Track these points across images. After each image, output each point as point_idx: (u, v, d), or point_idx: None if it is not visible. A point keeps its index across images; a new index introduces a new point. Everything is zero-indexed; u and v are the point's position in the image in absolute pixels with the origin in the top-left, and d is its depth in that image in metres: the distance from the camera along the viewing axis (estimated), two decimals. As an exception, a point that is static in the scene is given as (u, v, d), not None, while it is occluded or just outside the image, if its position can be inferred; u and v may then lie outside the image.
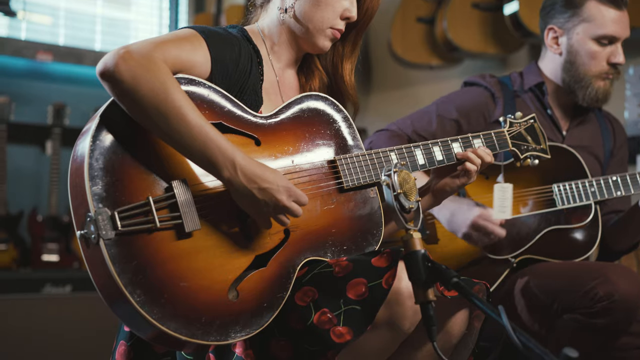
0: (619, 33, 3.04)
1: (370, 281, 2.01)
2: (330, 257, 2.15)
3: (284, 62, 2.38)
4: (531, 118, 2.63)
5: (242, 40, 2.26)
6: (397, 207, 1.89)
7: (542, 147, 2.62)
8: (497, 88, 3.15)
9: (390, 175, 1.91)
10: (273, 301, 2.02)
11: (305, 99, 2.26)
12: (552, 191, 2.93)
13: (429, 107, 3.19)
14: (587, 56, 3.05)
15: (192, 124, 1.93)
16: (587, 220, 2.92)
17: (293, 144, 2.18)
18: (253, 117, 2.14)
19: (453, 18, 4.93)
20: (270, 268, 2.04)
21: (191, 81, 2.06)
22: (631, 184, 2.91)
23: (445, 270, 1.84)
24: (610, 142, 3.20)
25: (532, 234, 2.92)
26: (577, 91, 3.07)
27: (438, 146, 2.39)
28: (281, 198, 1.99)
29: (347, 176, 2.21)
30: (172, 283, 1.90)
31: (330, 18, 2.30)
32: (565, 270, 2.81)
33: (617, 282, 2.65)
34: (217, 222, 2.00)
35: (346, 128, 2.29)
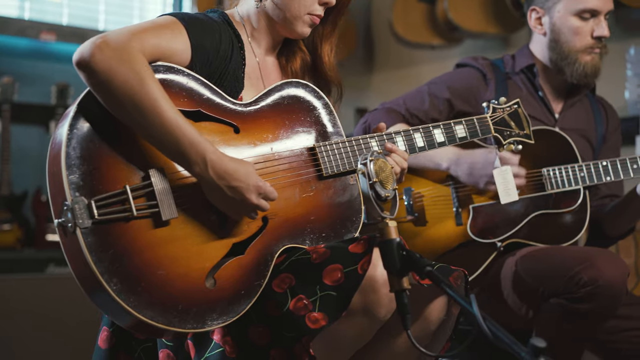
0: (599, 6, 3.02)
1: (346, 267, 2.02)
2: (309, 244, 2.16)
3: (264, 47, 2.38)
4: (515, 103, 2.63)
5: (222, 25, 2.26)
6: (373, 195, 1.90)
7: (526, 133, 2.63)
8: (488, 69, 3.15)
9: (366, 164, 1.91)
10: (250, 288, 2.04)
11: (286, 85, 2.26)
12: (541, 175, 2.92)
13: (421, 87, 3.20)
14: (570, 32, 3.04)
15: (166, 117, 1.94)
16: (576, 205, 2.92)
17: (272, 132, 2.18)
18: (232, 105, 2.15)
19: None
20: (248, 256, 2.05)
21: (170, 69, 2.07)
22: (621, 169, 2.90)
23: (419, 259, 1.85)
24: (603, 127, 3.20)
25: (520, 218, 2.92)
26: (565, 68, 3.07)
27: (419, 132, 2.40)
28: (250, 197, 2.01)
29: (326, 163, 2.22)
30: (149, 271, 1.92)
31: (308, 4, 2.30)
32: (552, 255, 2.82)
33: (602, 268, 2.65)
34: (195, 211, 2.01)
35: (326, 115, 2.30)
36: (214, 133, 2.06)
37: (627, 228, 3.08)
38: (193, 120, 2.04)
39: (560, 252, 2.82)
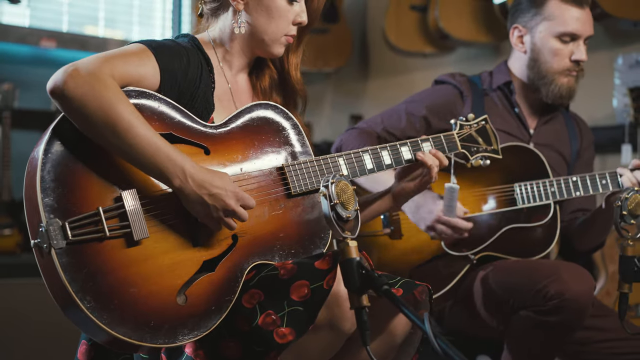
0: (579, 31, 3.09)
1: (312, 283, 2.10)
2: (278, 260, 2.23)
3: (236, 69, 2.45)
4: (482, 120, 2.69)
5: (191, 50, 2.33)
6: (334, 216, 1.97)
7: (494, 148, 2.69)
8: (465, 87, 3.22)
9: (328, 187, 1.98)
10: (221, 304, 2.12)
11: (255, 107, 2.33)
12: (513, 190, 3.00)
13: (398, 105, 3.27)
14: (550, 54, 3.11)
15: (141, 137, 2.03)
16: (546, 220, 2.99)
17: (242, 152, 2.26)
18: (202, 127, 2.22)
19: (445, 6, 4.99)
20: (219, 273, 2.13)
21: (141, 94, 2.15)
22: (590, 185, 2.97)
23: (377, 278, 1.93)
24: (577, 143, 3.27)
25: (493, 232, 2.99)
26: (541, 88, 3.14)
27: (387, 150, 2.47)
28: (230, 202, 2.09)
29: (294, 182, 2.29)
30: (122, 289, 2.00)
31: (284, 26, 2.38)
32: (522, 268, 2.89)
33: (569, 282, 2.72)
34: (166, 230, 2.10)
35: (295, 135, 2.37)
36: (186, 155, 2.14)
37: (597, 243, 3.16)
38: None
39: (529, 266, 2.89)
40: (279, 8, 2.36)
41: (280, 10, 2.37)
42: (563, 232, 3.16)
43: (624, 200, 2.55)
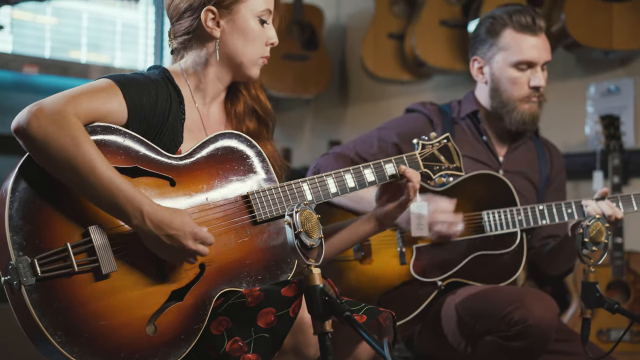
0: (535, 58, 3.15)
1: (278, 310, 2.15)
2: (246, 287, 2.28)
3: (210, 97, 2.49)
4: (444, 138, 2.74)
5: (160, 82, 2.38)
6: (298, 244, 2.03)
7: (456, 166, 2.73)
8: (435, 115, 3.28)
9: (292, 215, 2.04)
10: (190, 332, 2.17)
11: (219, 137, 2.37)
12: (481, 218, 3.06)
13: (371, 132, 3.32)
14: (508, 82, 3.18)
15: (101, 176, 2.08)
16: (513, 247, 3.04)
17: (207, 182, 2.30)
18: (168, 159, 2.26)
19: (422, 34, 5.06)
20: (187, 302, 2.18)
21: (107, 129, 2.19)
22: (556, 213, 3.03)
23: (339, 304, 1.99)
24: (547, 169, 3.32)
25: (460, 258, 3.04)
26: (505, 116, 3.20)
27: (350, 174, 2.52)
28: (187, 243, 2.14)
29: (259, 209, 2.33)
30: (92, 322, 2.06)
31: (260, 49, 2.46)
32: (488, 294, 2.94)
33: (532, 308, 2.77)
34: (134, 262, 2.15)
35: (259, 163, 2.40)
36: (151, 187, 2.20)
37: (565, 269, 3.23)
38: (131, 176, 2.17)
39: (495, 292, 2.94)
40: (254, 30, 2.43)
41: (255, 32, 2.43)
42: (533, 258, 3.22)
43: (585, 227, 2.60)
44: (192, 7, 2.42)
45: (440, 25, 5.07)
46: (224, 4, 2.40)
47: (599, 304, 2.59)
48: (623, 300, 4.29)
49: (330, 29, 6.02)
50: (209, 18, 2.41)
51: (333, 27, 6.05)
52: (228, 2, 2.41)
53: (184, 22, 2.45)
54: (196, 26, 2.43)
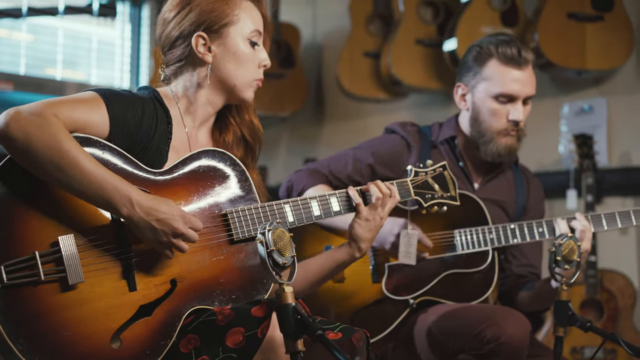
0: (516, 92, 3.10)
1: (247, 330, 2.14)
2: (218, 305, 2.26)
3: (199, 120, 2.49)
4: (440, 166, 2.74)
5: (148, 101, 2.38)
6: (270, 263, 2.03)
7: (451, 195, 2.73)
8: (414, 138, 3.26)
9: (265, 233, 2.04)
10: (156, 349, 2.15)
11: (202, 154, 2.36)
12: (453, 236, 3.06)
13: (347, 150, 3.31)
14: (488, 113, 3.13)
15: (87, 170, 2.09)
16: (485, 265, 3.05)
17: (185, 198, 2.29)
18: (146, 174, 2.26)
19: (397, 53, 5.07)
20: (155, 317, 2.17)
21: (85, 140, 2.19)
22: (527, 232, 3.03)
23: (311, 323, 1.99)
24: (523, 198, 3.30)
25: (432, 277, 3.04)
26: (481, 146, 3.17)
27: (335, 197, 2.52)
28: (177, 225, 2.15)
29: (237, 229, 2.33)
30: (56, 333, 2.05)
31: (253, 71, 2.47)
32: (460, 312, 2.93)
33: (504, 326, 2.78)
34: (103, 274, 2.14)
35: (241, 182, 2.39)
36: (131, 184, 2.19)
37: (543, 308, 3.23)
38: None
39: (467, 310, 2.94)
40: (245, 53, 2.44)
41: (246, 55, 2.44)
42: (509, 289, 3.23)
43: (558, 246, 2.62)
44: (182, 34, 2.43)
45: (415, 44, 5.08)
46: (213, 29, 2.42)
47: (572, 322, 2.60)
48: (597, 318, 4.32)
49: (307, 47, 6.03)
50: (200, 44, 2.42)
51: (309, 45, 6.07)
52: (217, 27, 2.42)
53: (175, 50, 2.46)
54: (188, 53, 2.44)
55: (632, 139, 4.62)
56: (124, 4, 6.36)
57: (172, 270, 2.23)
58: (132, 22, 6.40)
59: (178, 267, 2.23)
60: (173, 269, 2.23)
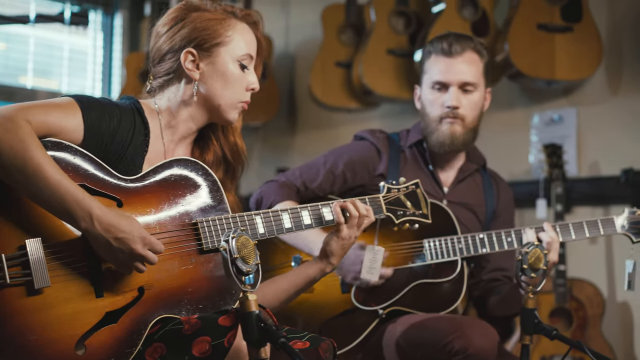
0: (446, 78, 3.17)
1: (214, 339, 2.14)
2: (185, 314, 2.25)
3: (179, 136, 2.48)
4: (413, 184, 2.76)
5: (128, 112, 2.37)
6: (234, 271, 2.02)
7: (422, 213, 2.75)
8: (383, 144, 3.29)
9: (228, 241, 2.03)
10: (121, 356, 2.14)
11: (175, 163, 2.36)
12: (422, 246, 3.07)
13: (318, 159, 3.32)
14: (428, 104, 3.23)
15: (50, 179, 2.08)
16: (454, 275, 3.06)
17: (155, 206, 2.29)
18: (117, 180, 2.25)
19: (369, 63, 5.08)
20: (121, 324, 2.16)
21: (57, 145, 2.19)
22: (496, 241, 3.05)
23: (275, 332, 1.99)
24: (493, 202, 3.33)
25: (401, 287, 3.04)
26: (428, 137, 3.24)
27: (307, 210, 2.53)
28: (136, 247, 2.13)
29: (207, 238, 2.32)
30: (20, 336, 2.05)
31: (239, 93, 2.46)
32: (429, 323, 2.93)
33: (472, 337, 2.79)
34: (69, 280, 2.13)
35: (213, 192, 2.38)
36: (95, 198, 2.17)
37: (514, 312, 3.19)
38: None
39: (435, 321, 2.94)
40: (233, 74, 2.43)
41: (235, 76, 2.43)
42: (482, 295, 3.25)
43: (524, 254, 2.64)
44: (173, 49, 2.43)
45: (387, 54, 5.10)
46: (204, 47, 2.41)
47: (538, 330, 2.62)
48: (566, 327, 4.34)
49: (279, 57, 6.04)
50: (189, 60, 2.42)
51: (282, 55, 6.07)
52: (208, 45, 2.42)
53: (164, 64, 2.46)
54: (176, 67, 2.44)
55: (601, 149, 4.65)
56: (96, 13, 6.35)
57: (140, 278, 2.22)
58: (104, 30, 6.38)
59: (146, 275, 2.22)
60: (141, 277, 2.22)
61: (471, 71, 3.19)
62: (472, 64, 3.20)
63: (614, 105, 4.64)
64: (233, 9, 2.49)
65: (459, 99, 3.17)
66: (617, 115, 4.61)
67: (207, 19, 2.43)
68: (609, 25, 4.65)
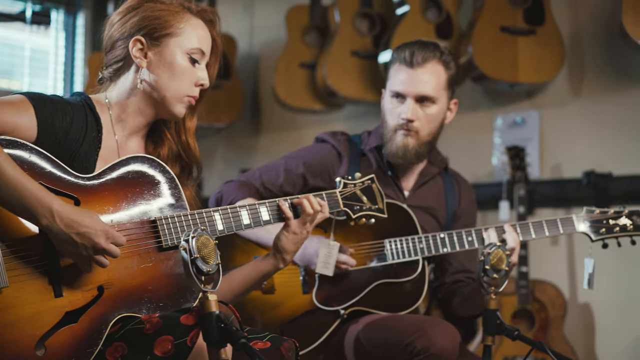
0: (403, 90, 3.11)
1: (176, 339, 2.12)
2: (146, 313, 2.24)
3: (130, 130, 2.46)
4: (369, 179, 2.76)
5: (79, 108, 2.35)
6: (194, 270, 2.00)
7: (379, 207, 2.75)
8: (344, 147, 3.27)
9: (188, 241, 2.01)
10: (82, 356, 2.12)
11: (131, 160, 2.34)
12: (383, 246, 3.06)
13: (278, 160, 3.30)
14: (387, 112, 3.19)
15: (8, 177, 2.06)
16: (415, 275, 3.05)
17: (114, 204, 2.26)
18: (74, 178, 2.23)
19: (333, 64, 5.08)
20: (81, 324, 2.14)
21: (12, 143, 2.16)
22: (457, 241, 3.05)
23: (235, 332, 1.97)
24: (454, 204, 3.32)
25: (363, 287, 3.04)
26: (385, 145, 3.20)
27: (265, 207, 2.52)
28: (99, 241, 2.11)
29: (166, 236, 2.30)
30: None
31: (187, 86, 2.43)
32: (390, 323, 2.93)
33: (434, 337, 2.78)
34: (28, 280, 2.10)
35: (171, 189, 2.37)
36: None
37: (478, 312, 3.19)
38: None
39: (397, 321, 2.94)
40: (181, 67, 2.41)
41: (183, 69, 2.41)
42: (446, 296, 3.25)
43: (486, 255, 2.64)
44: (123, 36, 2.41)
45: (351, 55, 5.10)
46: (153, 36, 2.39)
47: (500, 331, 2.62)
48: (528, 328, 4.36)
49: (243, 58, 6.02)
50: (137, 47, 2.39)
51: (246, 56, 6.05)
52: (158, 35, 2.40)
53: (115, 51, 2.44)
54: (125, 55, 2.41)
55: (563, 151, 4.68)
56: (58, 12, 6.29)
57: (99, 277, 2.20)
58: (66, 30, 6.33)
59: (105, 274, 2.20)
60: (100, 275, 2.20)
61: (431, 84, 3.12)
62: (433, 75, 3.12)
63: (576, 108, 4.67)
64: (189, 4, 2.48)
65: (415, 112, 3.11)
66: (579, 117, 4.64)
67: (160, 9, 2.42)
68: (571, 28, 4.69)
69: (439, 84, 3.13)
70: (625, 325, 4.39)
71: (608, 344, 4.45)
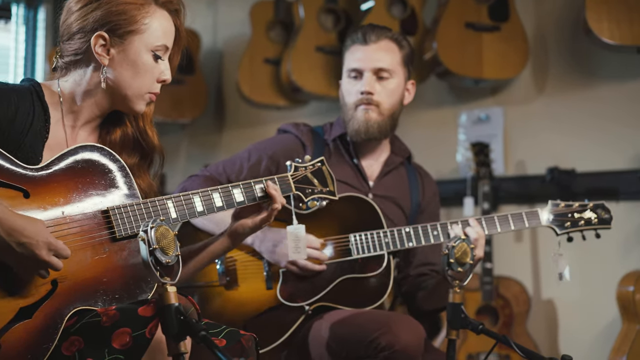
0: (360, 66, 3.19)
1: (134, 331, 2.06)
2: (102, 305, 2.18)
3: (82, 121, 2.39)
4: (319, 161, 2.72)
5: (26, 95, 2.28)
6: (152, 262, 1.96)
7: (329, 190, 2.71)
8: (307, 137, 3.25)
9: (147, 231, 1.97)
10: (38, 353, 2.06)
11: (80, 150, 2.26)
12: (348, 240, 3.03)
13: (241, 153, 3.27)
14: (346, 92, 3.25)
15: None
16: (380, 270, 3.03)
17: (64, 195, 2.19)
18: (22, 170, 2.15)
19: (297, 60, 5.06)
20: (36, 320, 2.07)
21: None
22: (422, 235, 3.03)
23: (194, 324, 1.93)
24: (418, 196, 3.32)
25: (328, 282, 3.00)
26: (347, 126, 3.23)
27: (218, 193, 2.45)
28: (40, 253, 2.03)
29: (119, 226, 2.24)
30: None
31: (149, 83, 2.36)
32: (355, 319, 2.90)
33: (399, 333, 2.76)
34: None
35: (122, 178, 2.31)
36: (3, 198, 2.08)
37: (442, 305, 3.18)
38: None
39: (362, 317, 2.91)
40: (145, 64, 2.34)
41: (146, 66, 2.34)
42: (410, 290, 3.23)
43: (451, 248, 2.62)
44: (84, 29, 2.31)
45: (316, 51, 5.08)
46: (117, 33, 2.31)
47: (464, 325, 2.60)
48: (492, 324, 4.36)
49: (207, 53, 5.97)
50: (99, 44, 2.31)
51: (209, 51, 6.00)
52: (122, 32, 2.31)
53: (73, 43, 2.34)
54: (85, 49, 2.33)
55: (528, 148, 4.69)
56: (19, 6, 6.19)
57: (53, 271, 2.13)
58: (26, 24, 6.23)
59: (61, 265, 2.12)
60: (54, 269, 2.14)
61: (386, 58, 3.19)
62: (388, 51, 3.20)
63: (540, 104, 4.69)
64: None
65: (373, 85, 3.17)
66: (543, 114, 4.66)
67: (125, 2, 2.32)
68: (536, 25, 4.70)
69: (394, 59, 3.21)
70: (588, 321, 4.41)
71: (571, 340, 4.46)
